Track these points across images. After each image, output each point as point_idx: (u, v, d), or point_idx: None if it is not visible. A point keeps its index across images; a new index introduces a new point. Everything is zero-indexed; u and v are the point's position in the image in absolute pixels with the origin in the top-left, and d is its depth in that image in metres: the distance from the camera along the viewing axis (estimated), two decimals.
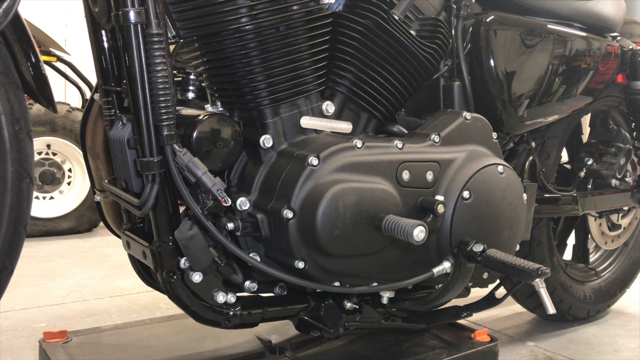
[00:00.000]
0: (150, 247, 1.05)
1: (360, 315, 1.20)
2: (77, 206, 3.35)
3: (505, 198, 1.19)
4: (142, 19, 0.93)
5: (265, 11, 0.99)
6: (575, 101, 1.59)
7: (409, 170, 1.09)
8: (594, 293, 1.95)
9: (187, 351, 1.36)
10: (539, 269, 1.02)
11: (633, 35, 1.81)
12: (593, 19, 1.59)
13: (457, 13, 1.31)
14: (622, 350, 1.72)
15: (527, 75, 1.42)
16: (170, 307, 1.94)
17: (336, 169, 1.01)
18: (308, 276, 1.03)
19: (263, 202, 1.02)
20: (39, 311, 1.97)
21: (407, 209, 1.08)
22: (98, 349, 1.33)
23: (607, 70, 1.64)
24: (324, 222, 0.97)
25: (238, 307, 1.09)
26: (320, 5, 1.09)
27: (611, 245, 2.02)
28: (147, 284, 1.25)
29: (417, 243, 0.95)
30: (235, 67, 1.02)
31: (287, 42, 1.03)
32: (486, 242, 1.10)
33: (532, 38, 1.41)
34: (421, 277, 1.10)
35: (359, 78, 1.13)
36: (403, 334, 1.42)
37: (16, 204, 1.08)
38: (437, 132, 1.16)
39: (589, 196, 1.75)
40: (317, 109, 1.11)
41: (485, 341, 1.40)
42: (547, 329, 1.87)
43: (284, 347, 1.32)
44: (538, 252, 1.72)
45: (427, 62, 1.22)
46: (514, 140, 1.52)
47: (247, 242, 1.06)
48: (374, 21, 1.12)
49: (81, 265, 2.64)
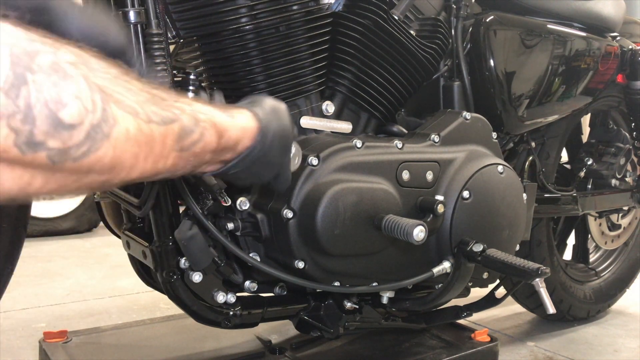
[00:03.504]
0: (150, 247, 1.05)
1: (360, 315, 1.20)
2: (77, 206, 3.35)
3: (505, 198, 1.19)
4: (142, 19, 0.93)
5: (265, 11, 0.99)
6: (575, 101, 1.59)
7: (409, 170, 1.09)
8: (594, 293, 1.95)
9: (187, 351, 1.36)
10: (539, 269, 1.02)
11: (633, 35, 1.81)
12: (593, 19, 1.59)
13: (457, 13, 1.31)
14: (622, 350, 1.72)
15: (527, 75, 1.42)
16: (170, 307, 1.94)
17: (336, 169, 1.01)
18: (308, 276, 1.03)
19: (263, 202, 1.02)
20: (39, 311, 1.97)
21: (407, 208, 1.08)
22: (98, 349, 1.34)
23: (607, 70, 1.64)
24: (324, 222, 0.97)
25: (238, 307, 1.09)
26: (320, 5, 1.09)
27: (611, 245, 2.02)
28: (147, 284, 1.25)
29: (417, 243, 0.95)
30: (235, 67, 1.02)
31: (287, 42, 1.03)
32: (486, 242, 1.10)
33: (531, 38, 1.41)
34: (421, 277, 1.10)
35: (358, 78, 1.13)
36: (403, 334, 1.42)
37: (16, 204, 1.08)
38: (437, 132, 1.16)
39: (589, 196, 1.75)
40: (317, 108, 1.11)
41: (485, 341, 1.40)
42: (547, 329, 1.87)
43: (284, 347, 1.32)
44: (538, 252, 1.72)
45: (427, 62, 1.22)
46: (514, 140, 1.52)
47: (247, 242, 1.06)
48: (373, 21, 1.12)
49: (81, 265, 2.64)
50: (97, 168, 0.52)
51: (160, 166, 0.59)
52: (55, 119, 0.47)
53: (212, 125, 0.65)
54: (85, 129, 0.49)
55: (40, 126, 0.47)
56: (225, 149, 0.68)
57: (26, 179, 0.49)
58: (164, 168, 0.60)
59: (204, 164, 0.68)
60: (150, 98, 0.57)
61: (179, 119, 0.60)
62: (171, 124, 0.59)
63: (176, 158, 0.61)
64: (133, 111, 0.54)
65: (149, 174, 0.59)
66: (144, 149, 0.56)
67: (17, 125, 0.45)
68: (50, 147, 0.48)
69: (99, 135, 0.51)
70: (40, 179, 0.50)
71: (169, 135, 0.59)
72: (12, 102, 0.45)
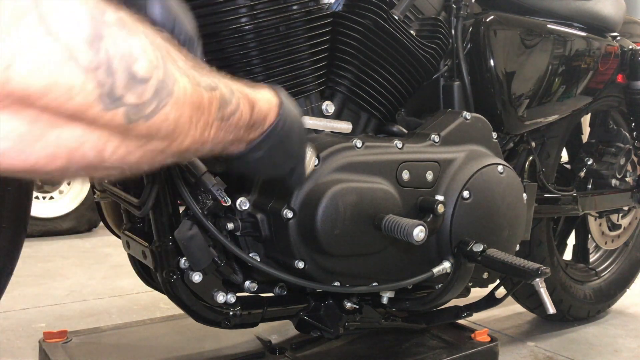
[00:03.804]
0: (150, 247, 1.05)
1: (360, 315, 1.20)
2: (77, 206, 3.36)
3: (505, 198, 1.19)
4: None
5: (265, 11, 0.99)
6: (575, 101, 1.59)
7: (409, 170, 1.09)
8: (594, 293, 1.95)
9: (187, 351, 1.36)
10: (539, 269, 1.02)
11: (633, 35, 1.81)
12: (593, 18, 1.59)
13: (457, 13, 1.31)
14: (622, 350, 1.72)
15: (527, 75, 1.42)
16: (170, 307, 1.94)
17: (336, 169, 1.01)
18: (308, 276, 1.03)
19: (263, 202, 1.02)
20: (38, 311, 1.97)
21: (407, 208, 1.07)
22: (98, 349, 1.34)
23: (607, 70, 1.64)
24: (324, 222, 0.97)
25: (238, 307, 1.09)
26: (320, 5, 1.08)
27: (611, 245, 2.02)
28: (147, 284, 1.25)
29: (417, 243, 0.95)
30: (235, 67, 1.02)
31: (287, 42, 1.03)
32: (486, 242, 1.10)
33: (532, 38, 1.41)
34: (421, 277, 1.10)
35: (358, 78, 1.13)
36: (403, 334, 1.42)
37: (16, 204, 1.08)
38: (437, 132, 1.16)
39: (589, 196, 1.75)
40: (317, 108, 1.10)
41: (485, 341, 1.40)
42: (547, 329, 1.87)
43: (284, 347, 1.32)
44: (538, 252, 1.72)
45: (427, 62, 1.22)
46: (514, 140, 1.52)
47: (247, 242, 1.05)
48: (373, 21, 1.12)
49: (81, 265, 2.64)
50: (161, 130, 0.53)
51: (206, 135, 0.60)
52: (130, 72, 0.48)
53: (244, 97, 0.66)
54: (154, 84, 0.50)
55: (120, 79, 0.47)
56: (255, 124, 0.69)
57: (102, 143, 0.49)
58: (208, 137, 0.61)
59: (236, 141, 0.68)
60: (194, 65, 0.58)
61: (219, 87, 0.61)
62: (214, 90, 0.60)
63: (217, 128, 0.62)
64: (185, 73, 0.55)
65: (197, 144, 0.59)
66: (197, 113, 0.57)
67: (102, 79, 0.45)
68: (127, 103, 0.48)
69: (164, 92, 0.51)
70: (113, 143, 0.50)
71: (214, 101, 0.60)
72: (95, 54, 0.45)
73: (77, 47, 0.44)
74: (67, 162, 0.48)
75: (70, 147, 0.47)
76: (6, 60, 0.40)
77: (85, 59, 0.44)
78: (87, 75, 0.45)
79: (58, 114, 0.45)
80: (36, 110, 0.44)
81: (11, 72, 0.41)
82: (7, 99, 0.42)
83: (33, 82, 0.42)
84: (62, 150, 0.47)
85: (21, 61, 0.41)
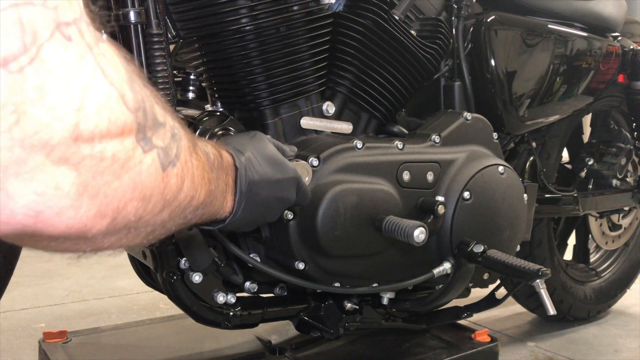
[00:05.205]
0: (150, 247, 1.04)
1: (360, 316, 1.20)
2: None
3: (505, 198, 1.19)
4: (142, 19, 0.93)
5: (266, 11, 0.99)
6: (576, 101, 1.58)
7: (410, 170, 1.08)
8: (595, 293, 1.95)
9: (187, 351, 1.35)
10: (540, 270, 1.02)
11: (634, 35, 1.81)
12: (594, 19, 1.59)
13: (458, 13, 1.30)
14: (622, 350, 1.72)
15: (528, 75, 1.41)
16: (170, 307, 1.94)
17: (336, 170, 1.01)
18: (308, 277, 1.03)
19: None
20: (38, 311, 1.97)
21: (407, 209, 1.07)
22: (98, 349, 1.33)
23: (608, 70, 1.64)
24: (324, 223, 0.97)
25: (238, 308, 1.09)
26: (320, 5, 1.08)
27: (612, 246, 2.02)
28: (147, 284, 1.25)
29: (417, 244, 0.95)
30: (236, 67, 1.02)
31: (288, 42, 1.03)
32: (487, 242, 1.10)
33: (533, 38, 1.41)
34: (421, 277, 1.10)
35: (359, 78, 1.13)
36: (403, 334, 1.42)
37: None
38: (438, 132, 1.16)
39: (590, 196, 1.75)
40: (317, 109, 1.10)
41: (485, 341, 1.40)
42: (547, 329, 1.86)
43: (284, 348, 1.32)
44: (538, 253, 1.72)
45: (428, 62, 1.22)
46: (515, 141, 1.51)
47: (247, 243, 1.05)
48: (374, 21, 1.11)
49: (81, 265, 2.64)
50: (187, 179, 0.53)
51: (212, 188, 0.61)
52: (153, 114, 0.48)
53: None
54: (169, 128, 0.50)
55: (149, 121, 0.47)
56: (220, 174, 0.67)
57: (144, 195, 0.48)
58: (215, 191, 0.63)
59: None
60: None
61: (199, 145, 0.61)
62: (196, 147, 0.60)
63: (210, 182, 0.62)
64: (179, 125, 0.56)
65: (210, 197, 0.61)
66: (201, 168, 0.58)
67: (141, 119, 0.46)
68: (156, 145, 0.48)
69: (177, 137, 0.52)
70: (155, 197, 0.49)
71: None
72: (135, 95, 0.46)
73: (124, 88, 0.44)
74: (112, 220, 0.46)
75: (118, 201, 0.46)
76: (77, 101, 0.40)
77: (130, 99, 0.45)
78: (133, 115, 0.45)
79: (114, 162, 0.44)
80: (94, 160, 0.42)
81: (81, 114, 0.40)
82: (75, 144, 0.40)
83: (98, 123, 0.41)
84: (110, 206, 0.45)
85: (89, 102, 0.41)
